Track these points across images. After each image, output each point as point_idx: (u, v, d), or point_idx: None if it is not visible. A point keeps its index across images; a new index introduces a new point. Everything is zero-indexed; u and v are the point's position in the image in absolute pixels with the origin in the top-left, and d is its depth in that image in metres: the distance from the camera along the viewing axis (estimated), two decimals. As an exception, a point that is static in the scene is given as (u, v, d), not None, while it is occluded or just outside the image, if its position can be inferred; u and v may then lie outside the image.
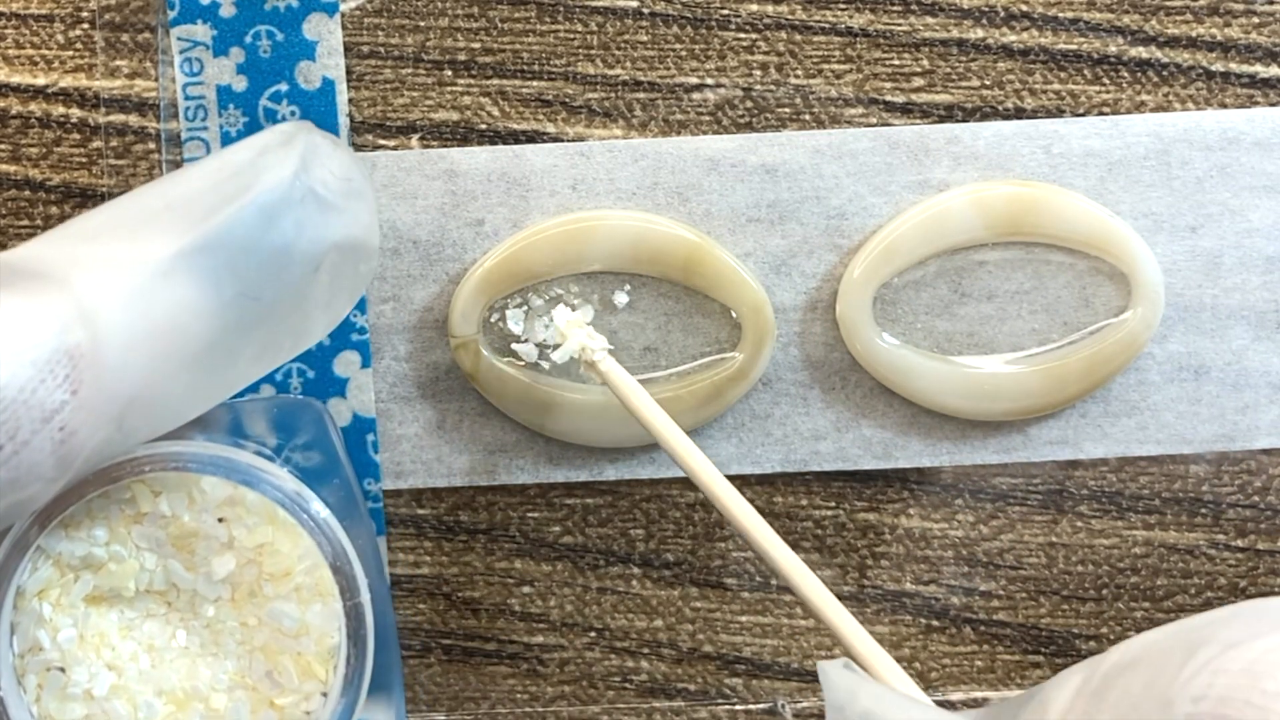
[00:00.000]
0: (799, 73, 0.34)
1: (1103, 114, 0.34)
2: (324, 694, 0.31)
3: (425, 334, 0.34)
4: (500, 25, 0.34)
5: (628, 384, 0.32)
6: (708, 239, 0.34)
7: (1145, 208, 0.34)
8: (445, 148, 0.34)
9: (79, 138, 0.34)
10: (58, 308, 0.25)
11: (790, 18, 0.34)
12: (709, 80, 0.34)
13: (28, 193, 0.34)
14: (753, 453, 0.35)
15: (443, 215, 0.34)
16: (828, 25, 0.34)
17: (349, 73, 0.34)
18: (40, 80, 0.34)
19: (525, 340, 0.34)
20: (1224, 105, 0.34)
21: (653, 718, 0.36)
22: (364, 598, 0.30)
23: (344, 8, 0.34)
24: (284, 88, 0.34)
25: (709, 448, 0.34)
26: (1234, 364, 0.35)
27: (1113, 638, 0.35)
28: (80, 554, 0.30)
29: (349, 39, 0.34)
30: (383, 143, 0.34)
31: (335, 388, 0.34)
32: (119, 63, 0.34)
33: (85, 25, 0.34)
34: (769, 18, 0.34)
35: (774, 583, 0.35)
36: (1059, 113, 0.34)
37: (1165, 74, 0.34)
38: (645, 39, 0.34)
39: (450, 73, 0.34)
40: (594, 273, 0.34)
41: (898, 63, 0.34)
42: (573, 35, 0.34)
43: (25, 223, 0.35)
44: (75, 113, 0.34)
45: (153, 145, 0.34)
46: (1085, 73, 0.34)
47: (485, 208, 0.34)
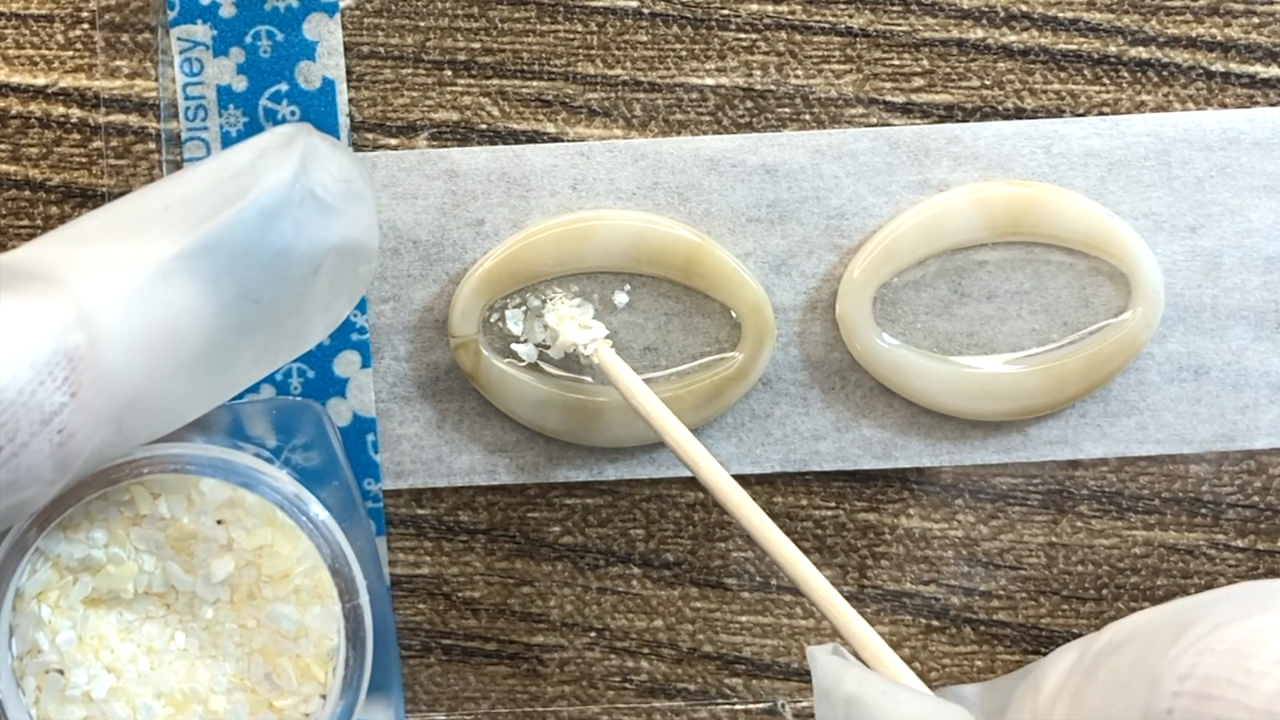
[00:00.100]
0: (799, 73, 0.34)
1: (1103, 114, 0.34)
2: (323, 696, 0.31)
3: (425, 334, 0.34)
4: (500, 25, 0.34)
5: (625, 374, 0.32)
6: (708, 239, 0.34)
7: (1145, 208, 0.34)
8: (445, 148, 0.34)
9: (79, 138, 0.34)
10: (57, 310, 0.25)
11: (790, 18, 0.34)
12: (709, 80, 0.34)
13: (28, 193, 0.34)
14: (753, 452, 0.35)
15: (443, 215, 0.34)
16: (828, 25, 0.34)
17: (349, 73, 0.34)
18: (40, 80, 0.34)
19: (525, 340, 0.34)
20: (1224, 105, 0.34)
21: (653, 718, 0.36)
22: (363, 600, 0.30)
23: (343, 4, 0.34)
24: (284, 88, 0.34)
25: (709, 448, 0.34)
26: (1234, 364, 0.35)
27: (1113, 638, 0.35)
28: (79, 556, 0.30)
29: (349, 39, 0.34)
30: (383, 143, 0.34)
31: (335, 388, 0.34)
32: (119, 63, 0.34)
33: (85, 25, 0.34)
34: (769, 18, 0.34)
35: (774, 583, 0.35)
36: (1059, 113, 0.34)
37: (1165, 74, 0.34)
38: (645, 39, 0.34)
39: (450, 73, 0.34)
40: (594, 273, 0.34)
41: (898, 63, 0.34)
42: (573, 35, 0.34)
43: (25, 223, 0.35)
44: (75, 113, 0.34)
45: (153, 145, 0.34)
46: (1085, 73, 0.34)
47: (485, 208, 0.34)
